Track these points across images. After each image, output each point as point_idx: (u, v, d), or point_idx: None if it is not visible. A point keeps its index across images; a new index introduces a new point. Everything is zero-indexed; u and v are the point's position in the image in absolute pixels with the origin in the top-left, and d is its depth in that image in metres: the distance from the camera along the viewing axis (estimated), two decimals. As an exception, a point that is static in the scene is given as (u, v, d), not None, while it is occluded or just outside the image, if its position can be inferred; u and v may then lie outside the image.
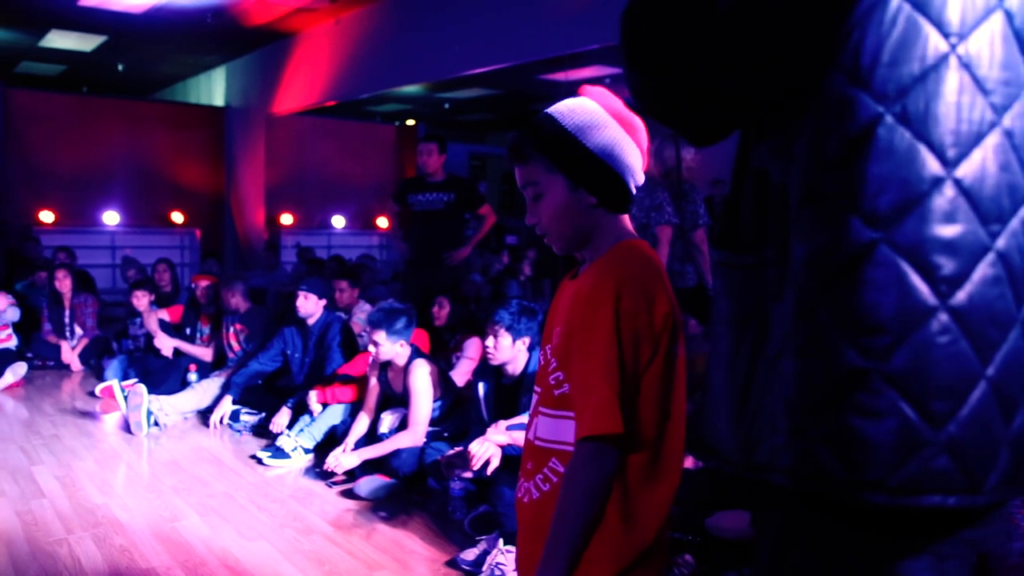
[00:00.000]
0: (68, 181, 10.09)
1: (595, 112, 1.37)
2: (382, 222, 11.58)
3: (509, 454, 3.25)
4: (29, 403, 5.74)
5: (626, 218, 1.43)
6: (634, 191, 1.40)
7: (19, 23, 8.67)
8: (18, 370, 6.23)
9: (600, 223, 1.39)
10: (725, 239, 1.11)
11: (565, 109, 1.38)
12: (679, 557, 2.89)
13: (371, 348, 4.10)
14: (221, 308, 6.01)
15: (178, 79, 12.58)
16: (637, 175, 1.40)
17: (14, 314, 6.52)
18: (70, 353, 6.85)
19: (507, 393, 3.64)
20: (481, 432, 3.46)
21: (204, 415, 5.23)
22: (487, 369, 3.73)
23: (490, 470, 3.29)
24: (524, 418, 3.28)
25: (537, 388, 1.45)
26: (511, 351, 3.54)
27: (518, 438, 3.21)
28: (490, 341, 3.57)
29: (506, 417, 3.46)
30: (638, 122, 1.40)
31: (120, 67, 10.96)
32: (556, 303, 1.50)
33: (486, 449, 3.26)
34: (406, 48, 7.68)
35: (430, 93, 11.62)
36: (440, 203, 5.58)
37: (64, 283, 6.97)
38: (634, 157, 1.38)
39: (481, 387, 3.75)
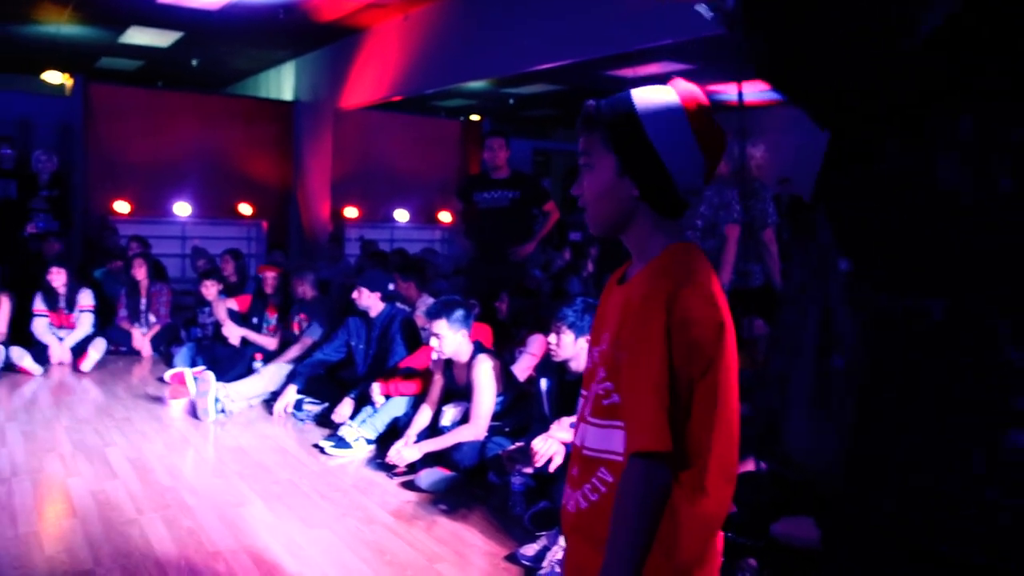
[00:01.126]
0: (142, 173, 10.38)
1: (673, 107, 1.31)
2: (445, 216, 11.64)
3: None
4: (103, 387, 5.93)
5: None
6: (686, 200, 1.33)
7: (101, 20, 8.95)
8: (99, 345, 6.58)
9: (646, 219, 1.34)
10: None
11: (645, 95, 1.33)
12: (742, 561, 2.84)
13: (433, 342, 4.11)
14: (289, 298, 6.13)
15: (249, 74, 12.84)
16: (695, 183, 1.32)
17: (87, 297, 6.80)
18: (141, 339, 7.07)
19: (570, 389, 3.62)
20: (543, 428, 3.45)
21: (268, 404, 5.34)
22: (550, 365, 3.71)
23: (553, 467, 3.28)
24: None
25: (584, 392, 1.42)
26: (574, 348, 3.52)
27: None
28: (552, 338, 3.56)
29: (569, 413, 3.44)
30: (719, 131, 1.32)
31: (194, 62, 11.22)
32: (604, 305, 1.45)
33: (549, 446, 3.26)
34: (473, 43, 7.70)
35: (495, 88, 11.64)
36: (506, 200, 5.58)
37: (140, 271, 7.21)
38: (696, 164, 1.31)
39: (544, 383, 3.74)
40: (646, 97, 1.33)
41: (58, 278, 6.68)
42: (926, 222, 0.82)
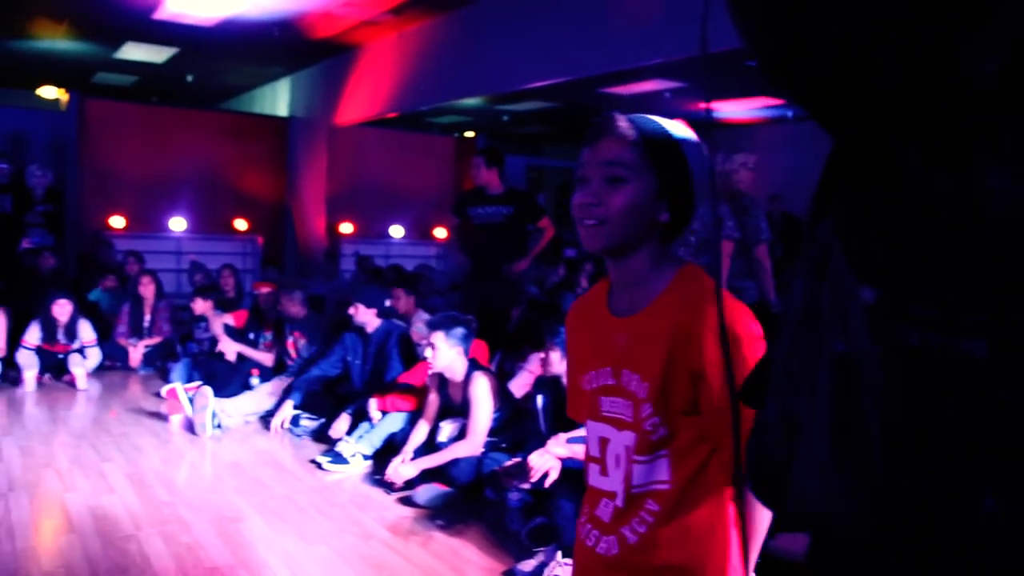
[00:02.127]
0: (138, 188, 10.40)
1: (696, 140, 1.36)
2: (440, 232, 11.68)
3: (568, 467, 3.26)
4: (99, 402, 5.94)
5: None
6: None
7: (96, 36, 8.99)
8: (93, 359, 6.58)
9: (654, 243, 1.35)
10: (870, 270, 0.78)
11: (675, 127, 1.35)
12: (739, 576, 2.86)
13: (427, 353, 4.14)
14: (281, 315, 6.15)
15: (244, 90, 12.89)
16: (694, 214, 1.38)
17: (88, 331, 6.73)
18: (135, 352, 7.08)
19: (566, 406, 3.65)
20: (539, 444, 3.47)
21: (265, 419, 5.35)
22: (547, 381, 3.75)
23: (548, 482, 3.30)
24: (583, 431, 3.29)
25: (605, 433, 1.40)
26: (560, 364, 3.55)
27: (578, 451, 3.22)
28: (544, 354, 3.60)
29: (565, 430, 3.47)
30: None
31: (189, 78, 11.27)
32: (607, 338, 1.40)
33: (545, 461, 3.28)
34: (468, 61, 7.76)
35: (489, 105, 11.71)
36: (499, 216, 5.62)
37: (148, 288, 7.24)
38: (697, 201, 1.36)
39: (540, 399, 3.77)
40: (672, 126, 1.36)
41: (63, 310, 6.51)
42: (969, 248, 0.70)
